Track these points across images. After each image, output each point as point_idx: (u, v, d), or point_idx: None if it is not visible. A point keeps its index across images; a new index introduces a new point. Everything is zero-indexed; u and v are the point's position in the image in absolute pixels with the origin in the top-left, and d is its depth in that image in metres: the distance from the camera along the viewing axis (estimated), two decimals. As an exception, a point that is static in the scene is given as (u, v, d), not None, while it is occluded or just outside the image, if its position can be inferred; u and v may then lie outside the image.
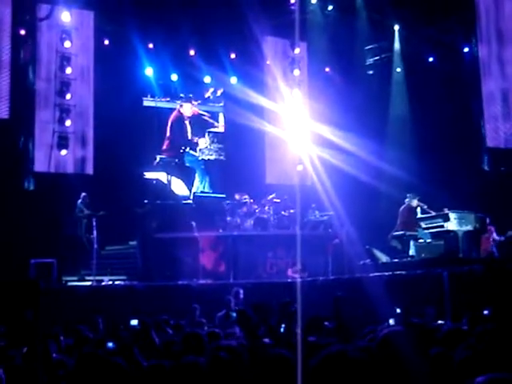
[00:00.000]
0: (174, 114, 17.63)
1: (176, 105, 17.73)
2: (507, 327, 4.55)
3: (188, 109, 17.64)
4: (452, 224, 12.95)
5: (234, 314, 8.36)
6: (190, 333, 4.80)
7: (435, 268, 11.18)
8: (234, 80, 17.93)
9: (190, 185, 17.63)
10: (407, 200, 14.21)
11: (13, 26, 13.79)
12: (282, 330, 7.62)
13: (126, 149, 15.95)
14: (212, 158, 18.29)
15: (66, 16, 14.76)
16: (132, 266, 14.36)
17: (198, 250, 13.96)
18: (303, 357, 3.33)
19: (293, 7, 16.47)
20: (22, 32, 14.30)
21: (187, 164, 17.81)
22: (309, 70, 18.42)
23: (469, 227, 13.02)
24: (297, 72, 17.59)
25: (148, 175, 17.16)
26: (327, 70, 18.86)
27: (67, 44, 14.83)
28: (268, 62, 17.58)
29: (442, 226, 13.11)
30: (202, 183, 17.83)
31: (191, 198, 17.12)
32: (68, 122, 14.92)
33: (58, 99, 14.89)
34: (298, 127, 16.67)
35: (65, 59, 14.90)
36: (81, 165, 15.33)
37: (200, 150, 18.02)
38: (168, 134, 17.53)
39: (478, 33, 15.03)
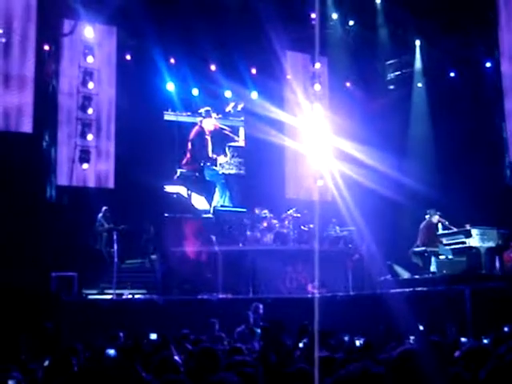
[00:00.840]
0: (196, 128, 17.65)
1: (197, 119, 17.79)
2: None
3: (209, 124, 17.68)
4: (474, 240, 12.81)
5: (259, 330, 8.36)
6: (205, 348, 4.77)
7: (457, 285, 11.07)
8: (254, 95, 17.99)
9: (210, 199, 17.64)
10: (427, 216, 14.10)
11: (37, 42, 13.97)
12: (301, 345, 7.62)
13: (147, 162, 16.03)
14: (232, 172, 18.31)
15: (89, 31, 14.93)
16: (152, 279, 14.38)
17: (217, 264, 13.95)
18: (321, 373, 3.31)
19: (313, 22, 16.50)
20: (46, 47, 14.48)
21: (207, 178, 17.82)
22: (329, 85, 18.42)
23: (491, 243, 12.87)
24: (317, 87, 17.58)
25: (168, 189, 17.20)
26: (348, 84, 18.87)
27: (90, 59, 14.98)
28: (288, 77, 17.63)
29: (464, 243, 12.98)
30: (222, 197, 17.81)
31: (211, 211, 17.13)
32: (90, 136, 15.04)
33: (80, 113, 15.03)
34: (319, 142, 16.66)
35: (87, 74, 15.04)
36: (102, 178, 15.45)
37: (220, 164, 18.04)
38: (189, 147, 17.58)
39: (501, 47, 14.94)
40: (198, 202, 17.41)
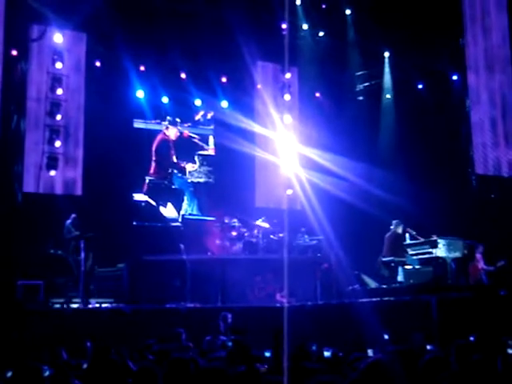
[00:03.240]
0: (159, 136, 17.67)
1: (162, 127, 17.77)
2: (492, 355, 4.56)
3: (173, 132, 17.70)
4: (440, 250, 12.98)
5: (230, 343, 8.34)
6: (176, 358, 4.74)
7: (424, 294, 11.18)
8: (224, 104, 18.00)
9: (178, 207, 17.60)
10: (392, 227, 14.25)
11: (5, 46, 13.78)
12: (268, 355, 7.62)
13: (116, 170, 15.92)
14: (201, 180, 18.26)
15: (58, 37, 14.79)
16: (119, 288, 14.24)
17: (185, 273, 13.90)
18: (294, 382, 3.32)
19: (284, 32, 16.60)
20: (14, 52, 14.31)
21: (176, 186, 17.79)
22: (299, 95, 18.52)
23: (457, 254, 13.05)
24: (287, 97, 17.65)
25: (137, 197, 17.13)
26: (317, 95, 19.00)
27: (59, 65, 14.84)
28: (259, 87, 17.69)
29: (431, 253, 13.14)
30: (190, 206, 17.80)
31: (180, 220, 17.09)
32: (58, 143, 14.87)
33: (48, 120, 14.85)
34: (288, 151, 16.73)
35: (56, 80, 14.88)
36: (70, 186, 15.27)
37: (189, 172, 18.01)
38: (154, 157, 17.54)
39: (467, 61, 15.20)
40: (167, 210, 17.36)
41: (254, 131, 17.21)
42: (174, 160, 17.77)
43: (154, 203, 17.18)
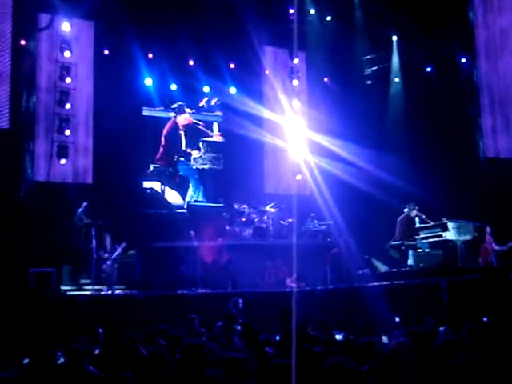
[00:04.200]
0: (170, 123, 17.71)
1: (170, 114, 17.80)
2: (506, 335, 4.58)
3: (183, 119, 17.72)
4: (450, 234, 12.97)
5: (238, 327, 8.40)
6: (190, 344, 4.78)
7: (434, 277, 11.21)
8: (233, 90, 18.00)
9: (183, 194, 17.66)
10: (406, 210, 14.24)
11: (13, 37, 13.83)
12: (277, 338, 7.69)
13: (125, 158, 16.01)
14: (206, 167, 18.28)
15: (66, 26, 14.82)
16: (131, 275, 14.34)
17: (196, 259, 13.98)
18: (301, 365, 3.36)
19: (292, 17, 16.55)
20: (23, 42, 14.35)
21: (181, 173, 17.85)
22: (308, 80, 18.51)
23: (467, 237, 13.03)
24: (296, 82, 17.65)
25: (146, 184, 17.21)
26: (326, 79, 18.96)
27: (67, 54, 14.87)
28: (267, 72, 17.67)
29: (441, 236, 13.13)
30: (195, 192, 17.86)
31: (185, 207, 17.16)
32: (67, 132, 14.94)
33: (57, 109, 14.92)
34: (297, 137, 16.72)
35: (64, 69, 14.93)
36: (80, 174, 15.36)
37: (194, 159, 18.05)
38: (163, 143, 17.59)
39: (477, 44, 15.11)
40: (172, 197, 17.44)
41: (263, 117, 17.21)
42: (183, 147, 17.81)
43: (159, 190, 17.26)
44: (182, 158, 17.83)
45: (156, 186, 17.33)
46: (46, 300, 11.53)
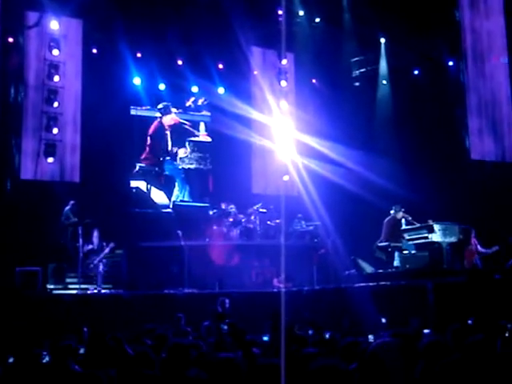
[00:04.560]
0: (155, 123, 17.71)
1: (156, 114, 17.79)
2: (490, 338, 4.63)
3: (169, 119, 17.73)
4: (436, 235, 13.03)
5: (225, 327, 8.43)
6: (176, 344, 4.80)
7: (420, 279, 11.28)
8: (221, 90, 18.01)
9: (169, 193, 17.65)
10: (392, 212, 14.31)
11: (1, 34, 13.77)
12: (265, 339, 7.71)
13: (113, 157, 16.00)
14: (192, 167, 18.26)
15: (54, 24, 14.76)
16: (118, 274, 14.33)
17: (183, 259, 13.99)
18: (289, 366, 3.38)
19: (280, 18, 16.58)
20: (10, 40, 14.29)
21: (167, 172, 17.84)
22: (296, 81, 18.55)
23: (453, 239, 13.10)
24: (284, 83, 17.69)
25: (132, 184, 17.21)
26: (314, 81, 19.01)
27: (55, 52, 14.82)
28: (255, 73, 17.70)
29: (427, 238, 13.20)
30: (181, 192, 17.85)
31: (171, 206, 17.16)
32: (55, 130, 14.89)
33: (45, 107, 14.87)
34: (285, 137, 16.75)
35: (53, 67, 14.88)
36: (67, 172, 15.30)
37: (180, 158, 18.04)
38: (148, 142, 17.58)
39: (464, 47, 15.23)
40: (158, 196, 17.44)
41: (251, 117, 17.22)
42: (169, 147, 17.82)
43: (145, 190, 17.26)
44: (168, 158, 17.82)
45: (142, 185, 17.33)
46: (31, 299, 11.50)
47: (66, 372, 4.43)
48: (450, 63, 17.17)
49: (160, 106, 17.69)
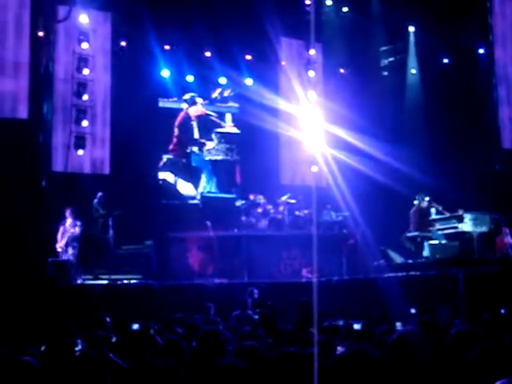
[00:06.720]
0: (182, 114, 17.80)
1: (182, 105, 17.87)
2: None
3: (194, 110, 17.79)
4: (467, 225, 12.93)
5: (256, 316, 8.46)
6: (208, 331, 4.80)
7: (450, 269, 11.19)
8: (249, 81, 18.00)
9: (196, 185, 17.73)
10: (416, 202, 14.21)
11: (31, 28, 13.93)
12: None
13: (142, 149, 16.12)
14: (219, 158, 18.30)
15: (83, 18, 14.88)
16: (147, 265, 14.46)
17: (213, 250, 14.06)
18: (319, 355, 3.38)
19: (308, 8, 16.52)
20: (41, 34, 14.43)
21: (194, 164, 17.92)
22: (324, 71, 18.47)
23: (483, 228, 12.99)
24: (312, 73, 17.63)
25: (160, 175, 17.33)
26: (342, 71, 18.92)
27: (84, 45, 14.94)
28: (283, 63, 17.66)
29: (457, 227, 13.11)
30: (208, 183, 17.92)
31: (198, 198, 17.24)
32: (85, 123, 15.04)
33: (75, 100, 15.02)
34: (313, 128, 16.70)
35: (82, 60, 15.01)
36: (97, 165, 15.47)
37: (207, 150, 18.11)
38: (176, 134, 17.67)
39: (494, 34, 15.01)
40: (184, 188, 17.52)
41: (279, 108, 17.21)
42: (196, 136, 17.88)
43: (171, 181, 17.36)
44: (195, 149, 17.88)
45: (169, 177, 17.43)
46: (63, 289, 11.66)
47: (102, 360, 4.49)
48: (481, 51, 16.93)
49: (186, 96, 17.76)
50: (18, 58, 13.71)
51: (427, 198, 14.05)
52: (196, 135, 17.90)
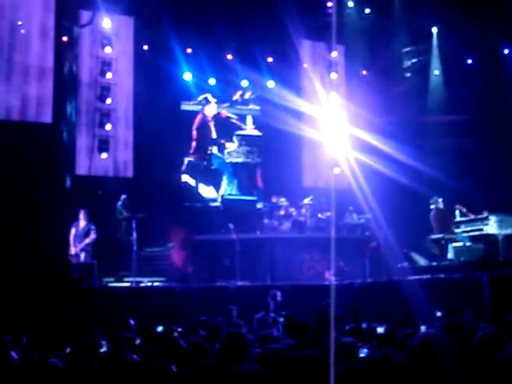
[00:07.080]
0: (199, 116, 17.87)
1: (198, 107, 17.93)
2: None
3: (210, 110, 17.85)
4: (492, 227, 12.79)
5: (281, 319, 8.45)
6: (232, 333, 4.82)
7: (475, 272, 11.08)
8: (271, 84, 18.00)
9: (217, 187, 17.78)
10: (433, 206, 14.10)
11: (56, 33, 14.08)
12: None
13: (165, 152, 16.23)
14: (240, 160, 18.32)
15: (106, 22, 15.01)
16: (170, 267, 14.52)
17: (235, 252, 14.07)
18: (337, 359, 3.37)
19: (330, 10, 16.49)
20: (65, 38, 14.58)
21: (215, 166, 17.97)
22: (346, 73, 18.42)
23: (509, 230, 12.84)
24: (334, 75, 17.60)
25: (183, 178, 17.41)
26: (364, 72, 18.84)
27: (108, 49, 15.08)
28: (305, 66, 17.64)
29: (482, 230, 12.97)
30: (229, 186, 17.95)
31: (219, 200, 17.28)
32: (108, 126, 15.17)
33: (98, 104, 15.16)
34: (335, 130, 16.65)
35: (105, 64, 15.16)
36: (121, 168, 15.60)
37: (228, 152, 18.15)
38: (195, 136, 17.76)
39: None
40: (206, 190, 17.58)
41: (301, 110, 17.18)
42: (214, 136, 17.93)
43: (193, 184, 17.42)
44: (214, 150, 17.93)
45: (190, 179, 17.50)
46: (88, 291, 11.74)
47: (125, 361, 4.51)
48: (506, 51, 16.75)
49: (200, 98, 17.85)
50: (43, 62, 13.84)
51: (441, 200, 13.94)
52: (214, 135, 17.95)
